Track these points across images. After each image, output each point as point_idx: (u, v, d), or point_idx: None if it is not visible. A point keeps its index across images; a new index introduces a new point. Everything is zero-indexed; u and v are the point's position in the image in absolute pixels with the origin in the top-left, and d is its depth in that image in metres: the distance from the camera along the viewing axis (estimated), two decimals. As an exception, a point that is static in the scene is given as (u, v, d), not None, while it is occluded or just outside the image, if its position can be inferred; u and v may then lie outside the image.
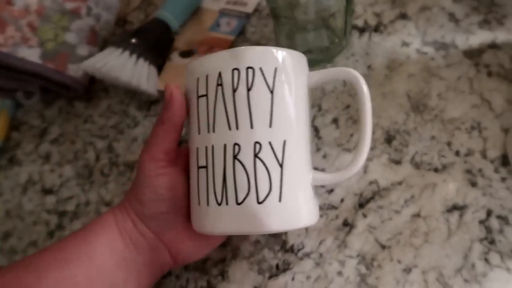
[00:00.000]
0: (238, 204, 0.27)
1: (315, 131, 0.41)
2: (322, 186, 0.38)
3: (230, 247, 0.37)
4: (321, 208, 0.37)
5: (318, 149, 0.40)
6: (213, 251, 0.37)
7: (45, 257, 0.29)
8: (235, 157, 0.27)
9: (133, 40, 0.44)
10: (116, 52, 0.43)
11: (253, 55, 0.28)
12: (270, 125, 0.27)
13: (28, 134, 0.50)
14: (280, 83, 0.28)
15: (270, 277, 0.35)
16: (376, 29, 0.45)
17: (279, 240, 0.36)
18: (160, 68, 0.48)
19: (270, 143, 0.27)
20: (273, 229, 0.27)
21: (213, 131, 0.28)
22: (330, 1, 0.40)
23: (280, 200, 0.27)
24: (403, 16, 0.46)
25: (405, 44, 0.44)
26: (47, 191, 0.45)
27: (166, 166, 0.30)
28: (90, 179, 0.44)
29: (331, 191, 0.37)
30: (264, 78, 0.27)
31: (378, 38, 0.45)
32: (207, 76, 0.28)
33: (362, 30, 0.46)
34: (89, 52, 0.48)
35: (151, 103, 0.47)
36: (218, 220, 0.27)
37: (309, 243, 0.36)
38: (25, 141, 0.49)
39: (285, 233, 0.37)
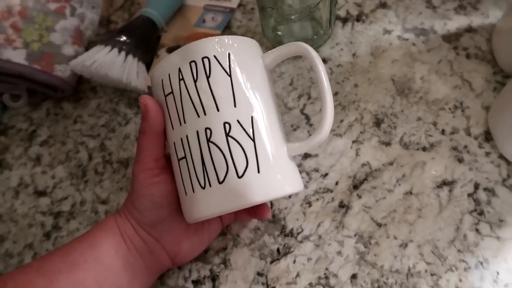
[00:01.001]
0: (220, 183, 0.28)
1: (306, 118, 0.42)
2: (317, 171, 0.39)
3: (230, 236, 0.38)
4: (317, 192, 0.38)
5: (310, 135, 0.41)
6: (214, 240, 0.38)
7: (55, 261, 0.29)
8: (208, 140, 0.28)
9: (121, 38, 0.44)
10: (105, 49, 0.43)
11: (206, 45, 0.29)
12: (235, 105, 0.29)
13: (16, 137, 0.49)
14: (236, 66, 0.29)
15: (272, 261, 0.36)
16: (358, 18, 0.47)
17: (278, 225, 0.37)
18: (148, 65, 0.48)
19: (238, 121, 0.28)
20: (258, 199, 0.28)
21: (184, 122, 0.29)
22: (314, -8, 0.41)
23: (259, 171, 0.28)
24: (383, 5, 0.47)
25: (387, 31, 0.45)
26: (40, 193, 0.45)
27: (159, 174, 0.31)
28: (84, 179, 0.44)
29: (325, 175, 0.39)
30: (220, 64, 0.29)
31: (361, 27, 0.46)
32: (169, 75, 0.30)
33: (345, 20, 0.47)
34: (75, 52, 0.48)
35: (141, 100, 0.47)
36: (205, 203, 0.28)
37: (308, 226, 0.37)
38: (13, 145, 0.49)
39: (284, 218, 0.37)
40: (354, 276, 0.34)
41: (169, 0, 0.51)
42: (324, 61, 0.45)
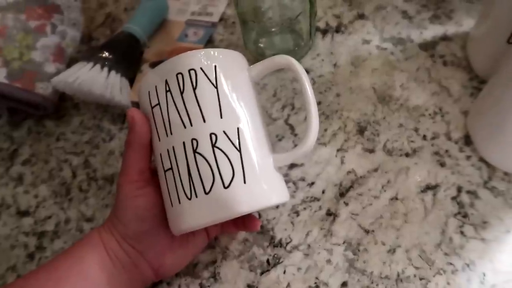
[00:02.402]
0: (207, 193, 0.28)
1: (291, 129, 0.42)
2: (303, 180, 0.39)
3: (219, 249, 0.37)
4: (304, 201, 0.38)
5: (295, 145, 0.41)
6: (203, 254, 0.37)
7: (39, 277, 0.29)
8: (195, 151, 0.28)
9: (103, 54, 0.44)
10: (87, 66, 0.43)
11: (192, 58, 0.30)
12: (221, 116, 0.29)
13: (-3, 157, 0.48)
14: (222, 78, 0.30)
15: (262, 273, 0.36)
16: (338, 29, 0.48)
17: (267, 236, 0.37)
18: (131, 81, 0.48)
19: (224, 132, 0.29)
20: (244, 209, 0.28)
21: (171, 133, 0.29)
22: (293, 4, 0.42)
23: (245, 182, 0.28)
24: (361, 16, 0.49)
25: (365, 41, 0.46)
26: (23, 213, 0.44)
27: (143, 187, 0.31)
28: (68, 197, 0.43)
29: (312, 184, 0.39)
30: (207, 76, 0.29)
31: (340, 38, 0.47)
32: (156, 87, 0.30)
33: (325, 32, 0.48)
34: (56, 69, 0.47)
35: (125, 115, 0.47)
36: (191, 214, 0.28)
37: (296, 236, 0.37)
38: (-6, 165, 0.48)
39: (272, 228, 0.37)
40: (344, 284, 0.34)
41: (151, 15, 0.51)
42: (307, 71, 0.45)
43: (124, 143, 0.31)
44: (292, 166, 0.40)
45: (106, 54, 0.44)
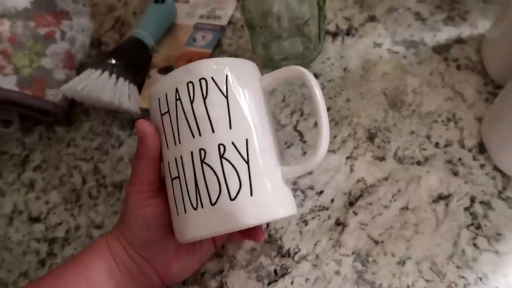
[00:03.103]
0: (213, 204, 0.28)
1: (300, 135, 0.42)
2: (312, 188, 0.39)
3: (226, 258, 0.37)
4: (312, 210, 0.38)
5: (304, 153, 0.41)
6: (210, 263, 0.37)
7: (46, 285, 0.29)
8: (202, 161, 0.28)
9: (112, 60, 0.44)
10: (95, 73, 0.43)
11: (204, 67, 0.30)
12: (230, 127, 0.29)
13: (9, 163, 0.49)
14: (233, 88, 0.29)
15: (269, 283, 0.35)
16: (348, 32, 0.47)
17: (275, 245, 0.37)
18: (140, 86, 0.48)
19: (233, 143, 0.28)
20: (249, 222, 0.28)
21: (179, 142, 0.29)
22: (302, 9, 0.41)
23: (251, 194, 0.28)
24: (372, 19, 0.47)
25: (376, 45, 0.45)
26: (35, 219, 0.44)
27: (152, 197, 0.31)
28: (78, 203, 0.44)
29: (320, 192, 0.38)
30: (217, 86, 0.29)
31: (350, 41, 0.46)
32: (166, 94, 0.30)
33: (335, 35, 0.47)
34: (66, 75, 0.48)
35: (134, 121, 0.47)
36: (196, 224, 0.28)
37: (305, 246, 0.36)
38: (6, 170, 0.48)
39: (280, 238, 0.37)
40: (352, 296, 0.33)
41: (159, 20, 0.51)
42: (316, 76, 0.45)
43: (134, 154, 0.31)
44: (301, 174, 0.40)
45: (114, 61, 0.44)
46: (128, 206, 0.31)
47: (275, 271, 0.36)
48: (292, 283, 0.35)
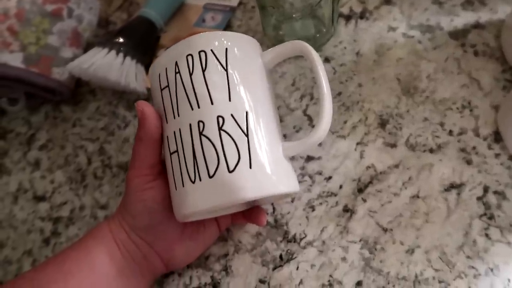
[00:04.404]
0: (211, 177, 0.27)
1: (309, 120, 0.41)
2: (320, 174, 0.38)
3: (231, 242, 0.37)
4: (320, 195, 0.37)
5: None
6: (215, 246, 0.37)
7: (49, 270, 0.29)
8: (201, 133, 0.28)
9: (119, 39, 0.43)
10: (102, 52, 0.42)
11: (203, 40, 0.29)
12: (230, 99, 0.28)
13: (15, 142, 0.48)
14: (233, 61, 0.29)
15: (274, 268, 0.35)
16: (362, 15, 0.46)
17: (281, 230, 0.36)
18: (147, 66, 0.47)
19: (232, 115, 0.28)
20: (248, 195, 0.27)
21: (178, 115, 0.29)
22: (316, -11, 0.40)
23: (250, 167, 0.27)
24: (387, 2, 0.46)
25: (391, 29, 0.44)
26: (39, 198, 0.44)
27: (153, 180, 0.31)
28: (83, 183, 0.43)
29: (329, 178, 0.37)
30: (217, 58, 0.29)
31: (364, 25, 0.45)
32: (166, 69, 0.30)
33: (348, 18, 0.46)
34: (73, 54, 0.47)
35: (140, 102, 0.46)
36: (194, 198, 0.28)
37: (311, 231, 0.36)
38: (12, 149, 0.48)
39: (286, 223, 0.36)
40: (359, 283, 0.33)
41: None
42: (327, 60, 0.44)
43: (135, 137, 0.31)
44: (309, 159, 0.39)
45: (122, 39, 0.44)
46: (129, 190, 0.31)
47: (280, 256, 0.35)
48: (297, 268, 0.34)
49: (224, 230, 0.36)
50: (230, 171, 0.27)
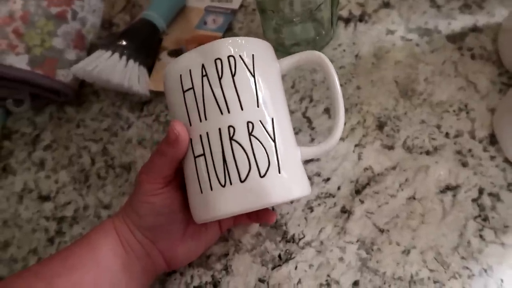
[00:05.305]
0: (242, 181, 0.28)
1: (308, 122, 0.42)
2: (319, 175, 0.38)
3: (232, 241, 0.38)
4: (318, 197, 0.38)
5: (312, 139, 0.41)
6: (216, 246, 0.38)
7: (54, 265, 0.30)
8: (231, 138, 0.28)
9: (122, 42, 0.44)
10: (106, 54, 0.43)
11: (232, 45, 0.30)
12: (258, 105, 0.29)
13: (20, 142, 0.49)
14: (259, 68, 0.30)
15: (274, 267, 0.36)
16: (361, 18, 0.46)
17: (280, 231, 0.37)
18: (150, 69, 0.48)
19: (260, 121, 0.29)
20: (278, 199, 0.28)
21: (205, 118, 0.29)
22: (316, -7, 0.40)
23: (279, 172, 0.28)
24: (386, 5, 0.46)
25: (390, 32, 0.45)
26: (44, 198, 0.45)
27: (164, 187, 0.31)
28: (87, 183, 0.44)
29: (327, 179, 0.38)
30: (245, 64, 0.30)
31: (363, 28, 0.46)
32: (190, 71, 0.30)
33: (347, 21, 0.46)
34: (77, 56, 0.48)
35: (143, 103, 0.47)
36: (224, 201, 0.28)
37: (310, 232, 0.36)
38: (17, 149, 0.49)
39: (285, 223, 0.37)
40: (356, 283, 0.34)
41: (170, 2, 0.50)
42: (326, 63, 0.44)
43: (156, 149, 0.31)
44: (308, 160, 0.39)
45: (124, 42, 0.44)
46: (138, 191, 0.31)
47: (279, 256, 0.36)
48: (296, 268, 0.35)
49: (225, 231, 0.37)
50: (261, 176, 0.28)
